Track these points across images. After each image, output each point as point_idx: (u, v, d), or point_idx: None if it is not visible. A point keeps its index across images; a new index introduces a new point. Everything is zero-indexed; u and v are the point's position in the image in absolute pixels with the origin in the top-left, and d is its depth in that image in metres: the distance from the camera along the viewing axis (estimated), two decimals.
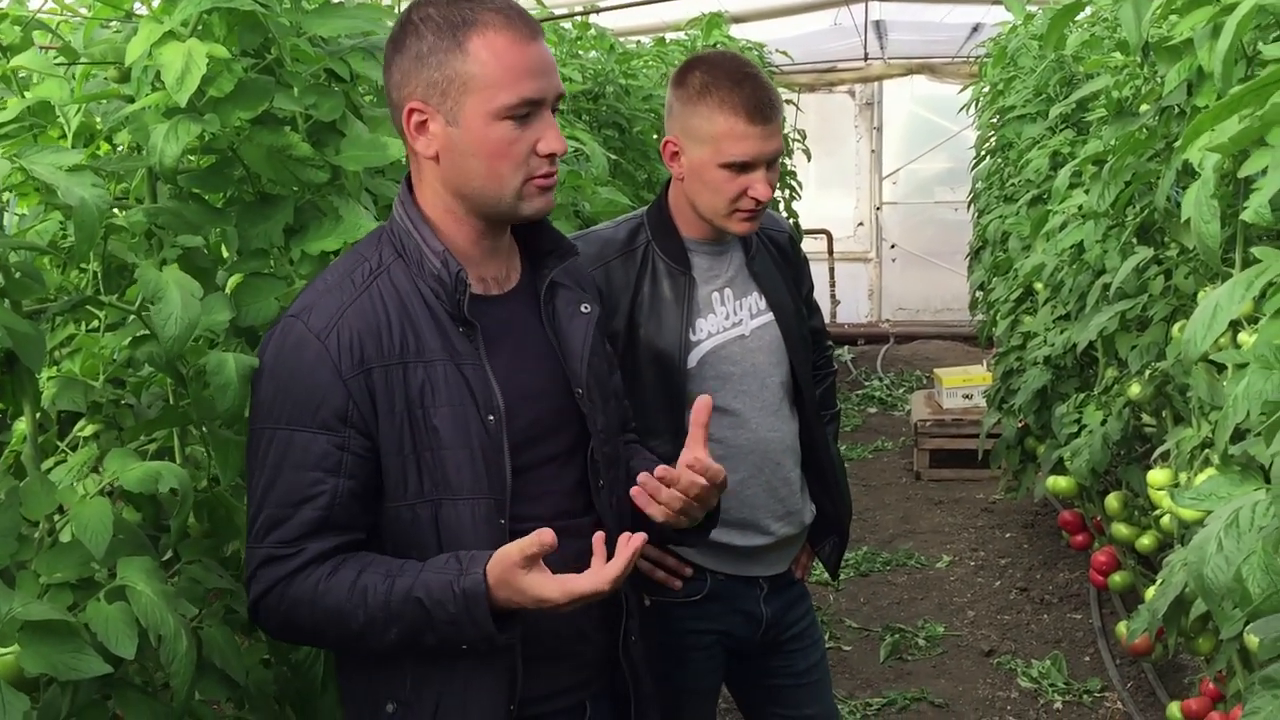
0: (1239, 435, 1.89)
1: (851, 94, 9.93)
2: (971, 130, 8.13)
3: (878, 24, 8.75)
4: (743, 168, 2.08)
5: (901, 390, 8.05)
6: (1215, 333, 1.32)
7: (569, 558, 1.58)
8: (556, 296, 1.70)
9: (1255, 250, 1.50)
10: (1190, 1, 1.94)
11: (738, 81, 2.07)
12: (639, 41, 5.79)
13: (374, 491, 1.54)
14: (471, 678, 1.55)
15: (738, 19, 7.14)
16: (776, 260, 2.30)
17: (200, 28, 1.62)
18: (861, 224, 10.11)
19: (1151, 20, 2.09)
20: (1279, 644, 1.62)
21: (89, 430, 1.82)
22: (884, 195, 10.19)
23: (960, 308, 9.20)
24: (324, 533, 1.50)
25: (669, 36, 6.24)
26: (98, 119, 1.82)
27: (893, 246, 10.16)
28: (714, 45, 6.47)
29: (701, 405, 1.65)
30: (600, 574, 1.47)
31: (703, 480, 1.61)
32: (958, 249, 9.01)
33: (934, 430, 6.21)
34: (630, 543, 1.48)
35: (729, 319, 2.20)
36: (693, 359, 2.16)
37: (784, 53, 7.99)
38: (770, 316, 2.24)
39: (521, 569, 1.44)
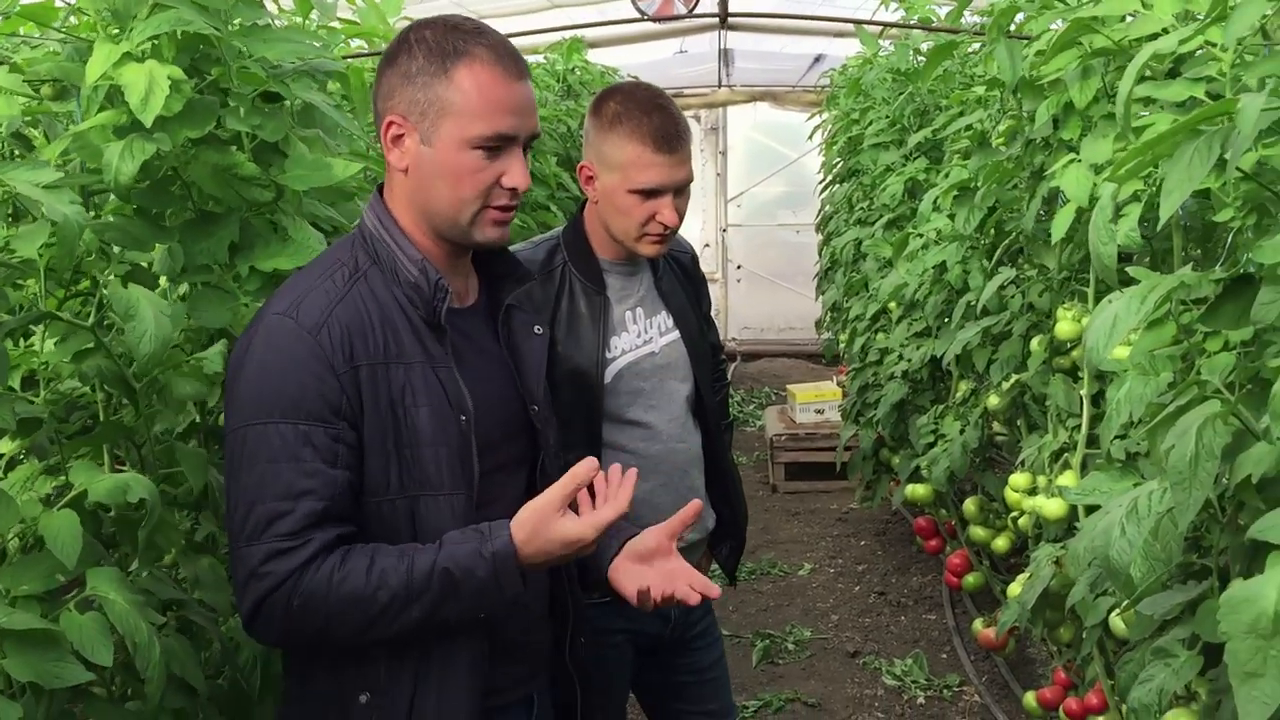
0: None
1: (697, 119, 10.19)
2: (810, 156, 8.47)
3: (726, 52, 9.03)
4: (650, 194, 2.19)
5: (752, 406, 8.30)
6: (1115, 341, 1.48)
7: None
8: (513, 318, 1.77)
9: (1132, 270, 1.69)
10: (1059, 45, 2.14)
11: (648, 111, 2.19)
12: None
13: (360, 486, 1.55)
14: (446, 661, 1.59)
15: (593, 44, 7.28)
16: (680, 279, 2.43)
17: (151, 48, 1.66)
18: (708, 245, 10.38)
19: (1025, 61, 2.29)
20: (1150, 623, 1.81)
21: (13, 446, 1.82)
22: (729, 218, 10.50)
23: (803, 326, 9.54)
24: (326, 524, 1.50)
25: (531, 60, 6.33)
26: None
27: (738, 267, 10.48)
28: (572, 69, 6.60)
29: (693, 508, 1.74)
30: (615, 501, 1.58)
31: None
32: (799, 270, 9.35)
33: (788, 444, 6.43)
34: (629, 476, 1.61)
35: (640, 337, 2.31)
36: (608, 375, 2.26)
37: (635, 78, 8.17)
38: (677, 334, 2.36)
39: (559, 513, 1.52)
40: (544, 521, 1.52)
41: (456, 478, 1.60)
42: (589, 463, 1.54)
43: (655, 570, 1.71)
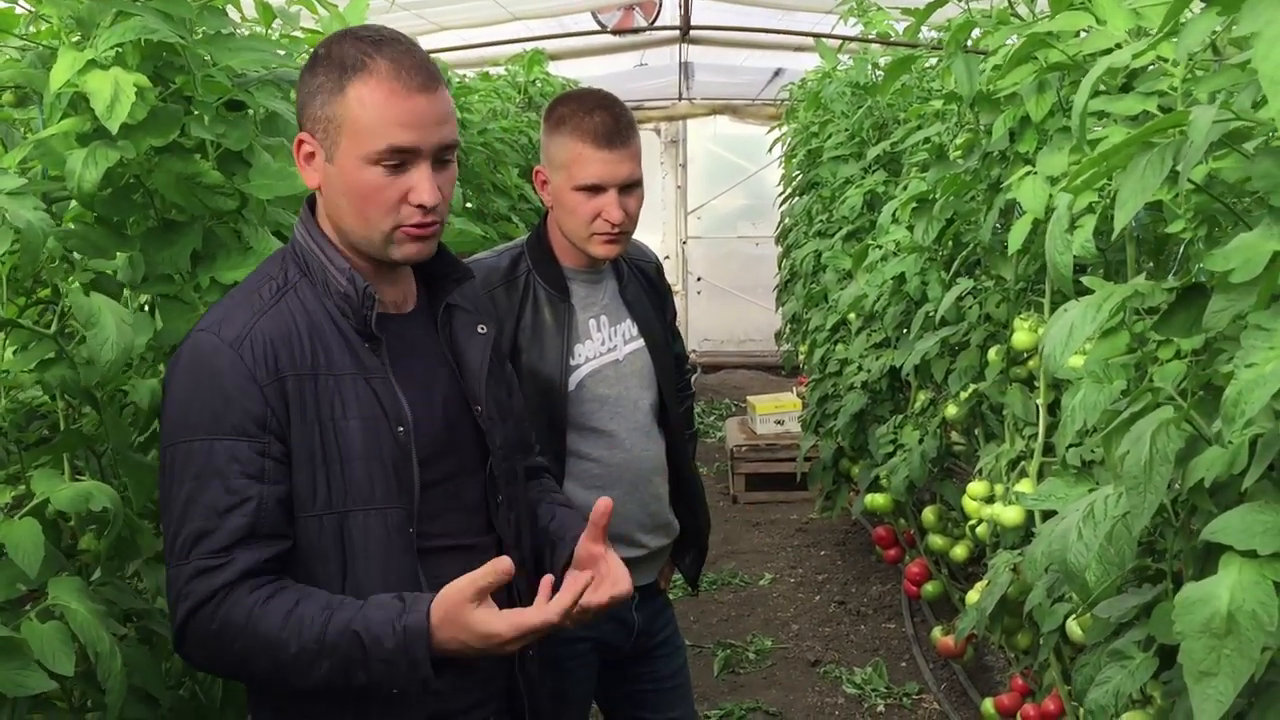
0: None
1: (657, 131, 10.24)
2: (770, 169, 8.53)
3: (686, 65, 9.08)
4: (594, 190, 2.21)
5: (712, 418, 8.33)
6: (1071, 350, 1.51)
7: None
8: (454, 319, 1.74)
9: (1087, 280, 1.72)
10: (1015, 60, 2.18)
11: (590, 111, 2.22)
12: (464, 75, 5.87)
13: (292, 499, 1.53)
14: (388, 703, 1.56)
15: (554, 56, 7.29)
16: (645, 289, 2.44)
17: (115, 56, 1.65)
18: (668, 257, 10.40)
19: (981, 75, 2.33)
20: (1106, 626, 1.84)
21: None
22: (689, 230, 10.54)
23: (762, 338, 9.59)
24: (252, 541, 1.48)
25: (492, 71, 6.35)
26: None
27: (699, 280, 10.52)
28: (533, 81, 6.61)
29: (601, 508, 1.65)
30: (549, 607, 1.48)
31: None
32: (759, 282, 9.40)
33: (749, 455, 6.46)
34: (579, 579, 1.51)
35: (604, 345, 2.33)
36: (572, 382, 2.27)
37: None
38: (641, 343, 2.38)
39: (472, 603, 1.44)
40: (457, 609, 1.44)
41: (391, 492, 1.57)
42: (503, 562, 1.45)
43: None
